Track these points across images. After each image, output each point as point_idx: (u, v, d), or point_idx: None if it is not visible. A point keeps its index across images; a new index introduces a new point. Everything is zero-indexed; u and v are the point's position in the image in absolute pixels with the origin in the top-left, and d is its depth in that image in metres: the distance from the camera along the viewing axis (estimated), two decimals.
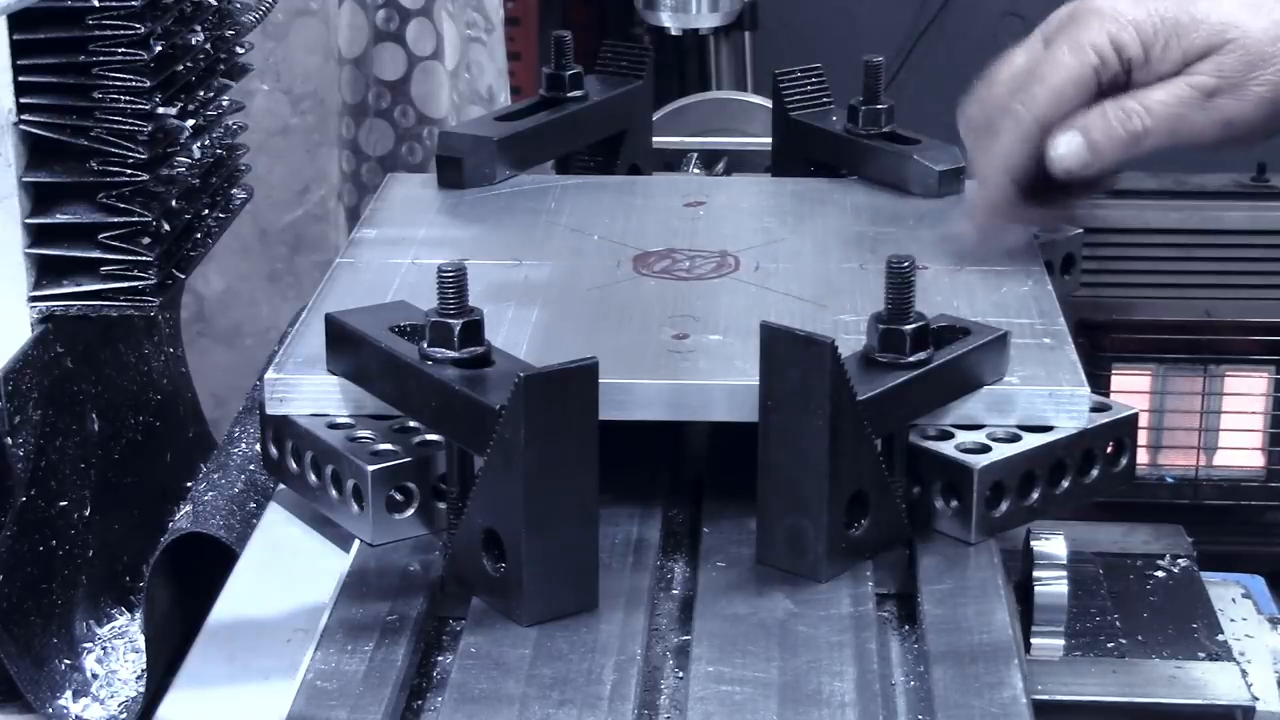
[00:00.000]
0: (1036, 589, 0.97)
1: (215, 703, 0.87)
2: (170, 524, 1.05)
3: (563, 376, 0.85)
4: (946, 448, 0.95)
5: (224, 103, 1.21)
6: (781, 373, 0.89)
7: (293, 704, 0.82)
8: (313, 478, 0.98)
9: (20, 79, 1.03)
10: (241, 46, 1.24)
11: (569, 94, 1.34)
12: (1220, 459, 2.36)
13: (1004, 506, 0.95)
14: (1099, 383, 1.61)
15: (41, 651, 1.03)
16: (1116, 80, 1.08)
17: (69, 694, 1.03)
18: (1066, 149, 1.08)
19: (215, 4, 1.18)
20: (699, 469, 1.05)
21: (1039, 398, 0.97)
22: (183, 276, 1.13)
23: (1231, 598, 1.09)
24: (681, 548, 0.99)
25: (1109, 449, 0.98)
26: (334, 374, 0.99)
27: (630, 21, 2.56)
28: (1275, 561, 2.04)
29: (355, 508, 0.95)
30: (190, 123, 1.12)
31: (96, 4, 1.03)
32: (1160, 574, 1.08)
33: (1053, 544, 0.98)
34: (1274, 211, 2.42)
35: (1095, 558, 1.08)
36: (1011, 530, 0.96)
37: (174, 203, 1.09)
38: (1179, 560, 1.09)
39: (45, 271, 1.06)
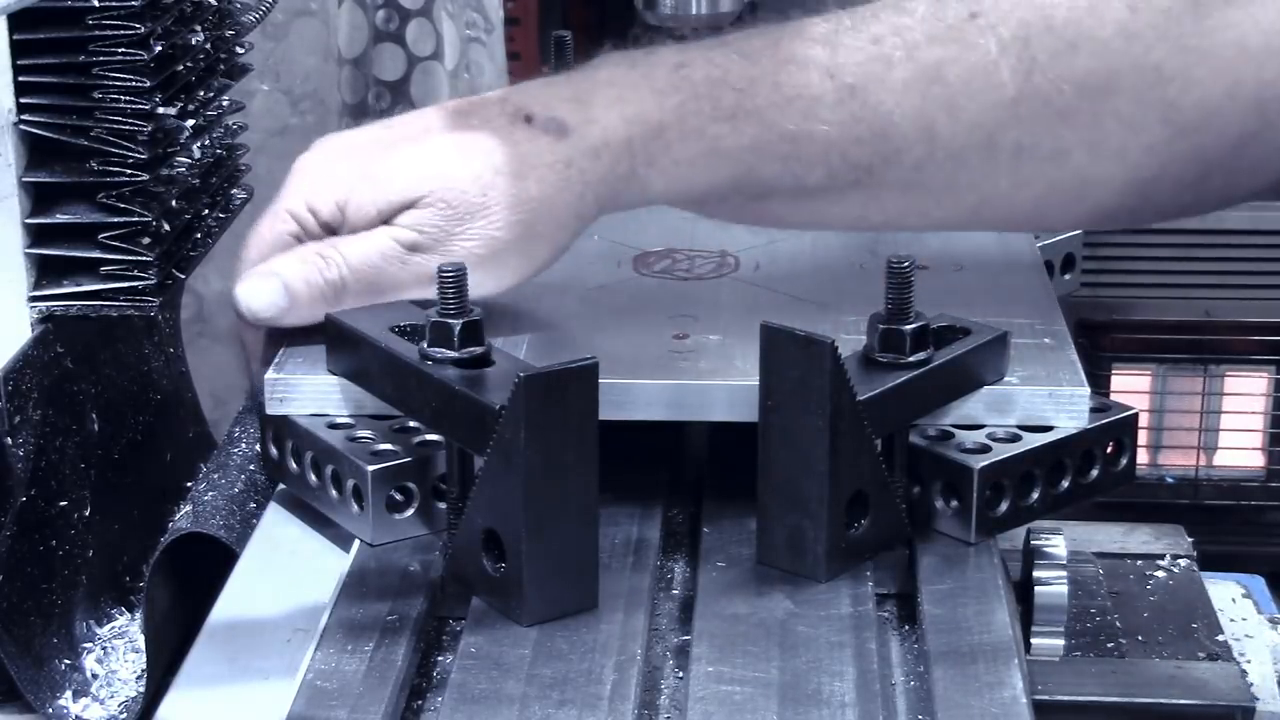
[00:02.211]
0: (1036, 589, 0.97)
1: (215, 703, 0.87)
2: (170, 524, 1.05)
3: (563, 376, 0.85)
4: (946, 448, 0.95)
5: (224, 103, 1.21)
6: (781, 373, 0.89)
7: (293, 704, 0.82)
8: (313, 478, 0.98)
9: (20, 79, 1.03)
10: (241, 46, 1.24)
11: None
12: (1220, 459, 2.37)
13: (1004, 506, 0.95)
14: (1099, 383, 1.61)
15: (41, 651, 1.02)
16: (320, 239, 1.01)
17: (69, 694, 1.03)
18: (260, 293, 1.00)
19: (215, 4, 1.18)
20: (699, 469, 1.06)
21: (1039, 398, 0.97)
22: (183, 276, 1.13)
23: (1231, 598, 1.09)
24: (681, 548, 0.99)
25: (1109, 449, 0.98)
26: (334, 374, 0.99)
27: (630, 21, 2.56)
28: (1275, 561, 2.05)
29: (355, 508, 0.95)
30: (190, 123, 1.12)
31: (96, 4, 1.03)
32: (1160, 574, 1.08)
33: (1053, 544, 0.98)
34: (1274, 211, 2.42)
35: (1095, 558, 1.08)
36: (1011, 530, 0.96)
37: (174, 203, 1.09)
38: (1179, 560, 1.09)
39: (45, 271, 1.06)
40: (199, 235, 1.16)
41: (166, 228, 1.08)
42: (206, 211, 1.17)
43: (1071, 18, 1.00)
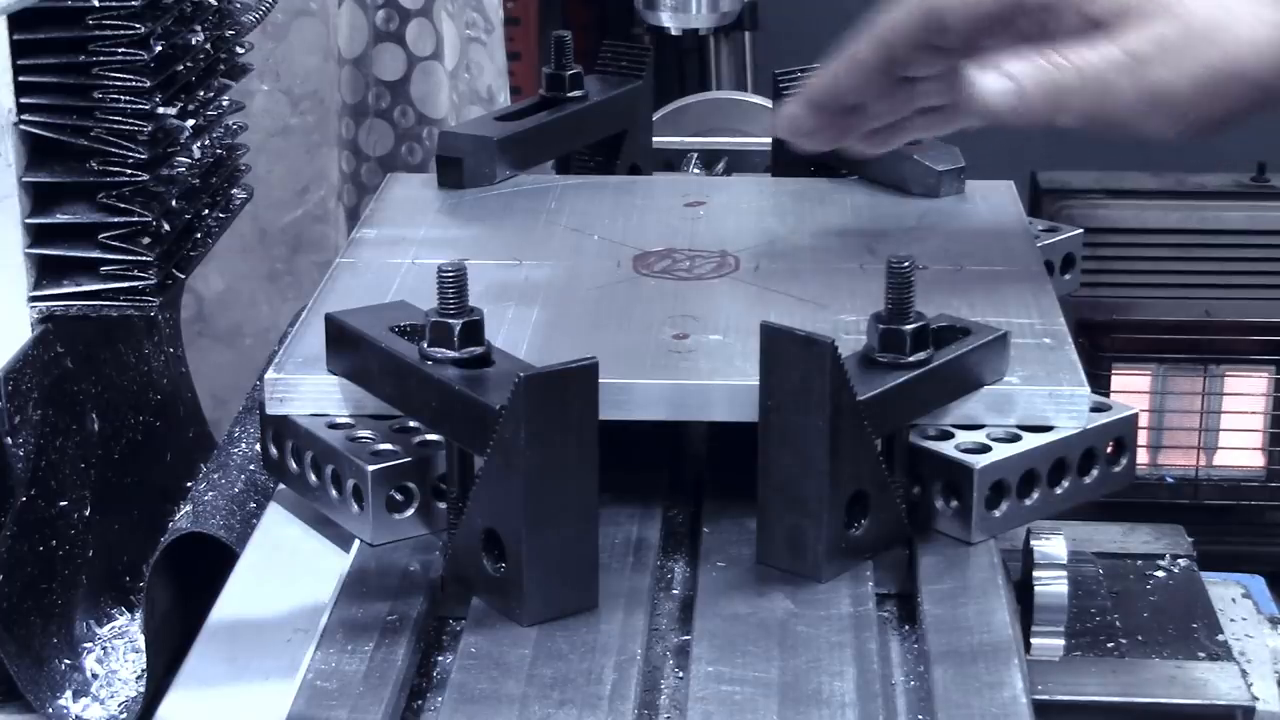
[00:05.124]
0: (1036, 589, 0.97)
1: (215, 703, 0.87)
2: (170, 524, 1.05)
3: (563, 376, 0.85)
4: (946, 448, 0.95)
5: (224, 103, 1.22)
6: (781, 373, 0.89)
7: (293, 704, 0.82)
8: (313, 478, 0.98)
9: (20, 79, 1.03)
10: (241, 46, 1.24)
11: (569, 94, 1.34)
12: (1220, 459, 2.37)
13: (1004, 506, 0.94)
14: (1099, 383, 1.61)
15: (41, 651, 1.03)
16: (1029, 32, 0.97)
17: (69, 694, 1.03)
18: (995, 88, 0.95)
19: (215, 4, 1.18)
20: (699, 469, 1.05)
21: (1039, 398, 0.97)
22: (183, 276, 1.13)
23: (1231, 598, 1.09)
24: (681, 548, 0.99)
25: (1109, 449, 0.98)
26: (334, 374, 0.99)
27: (630, 21, 2.56)
28: (1275, 561, 2.05)
29: (355, 508, 0.95)
30: (190, 123, 1.12)
31: (96, 4, 1.03)
32: (1160, 574, 1.08)
33: (1053, 544, 0.98)
34: (1274, 211, 2.42)
35: (1095, 558, 1.08)
36: (1011, 530, 0.96)
37: (174, 203, 1.09)
38: (1179, 560, 1.09)
39: (45, 271, 1.06)
40: (199, 235, 1.16)
41: (166, 228, 1.08)
42: (206, 211, 1.17)
43: None
